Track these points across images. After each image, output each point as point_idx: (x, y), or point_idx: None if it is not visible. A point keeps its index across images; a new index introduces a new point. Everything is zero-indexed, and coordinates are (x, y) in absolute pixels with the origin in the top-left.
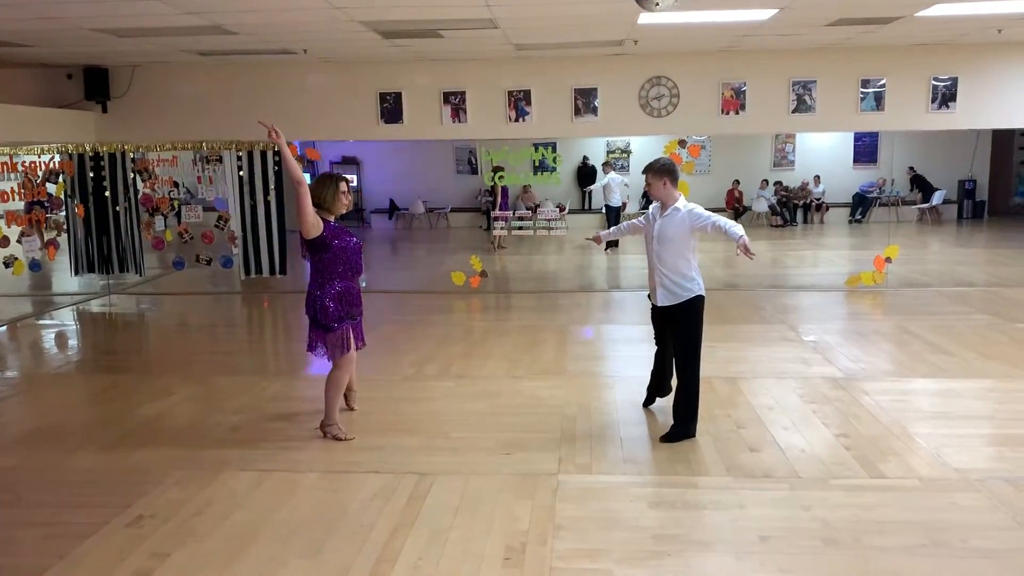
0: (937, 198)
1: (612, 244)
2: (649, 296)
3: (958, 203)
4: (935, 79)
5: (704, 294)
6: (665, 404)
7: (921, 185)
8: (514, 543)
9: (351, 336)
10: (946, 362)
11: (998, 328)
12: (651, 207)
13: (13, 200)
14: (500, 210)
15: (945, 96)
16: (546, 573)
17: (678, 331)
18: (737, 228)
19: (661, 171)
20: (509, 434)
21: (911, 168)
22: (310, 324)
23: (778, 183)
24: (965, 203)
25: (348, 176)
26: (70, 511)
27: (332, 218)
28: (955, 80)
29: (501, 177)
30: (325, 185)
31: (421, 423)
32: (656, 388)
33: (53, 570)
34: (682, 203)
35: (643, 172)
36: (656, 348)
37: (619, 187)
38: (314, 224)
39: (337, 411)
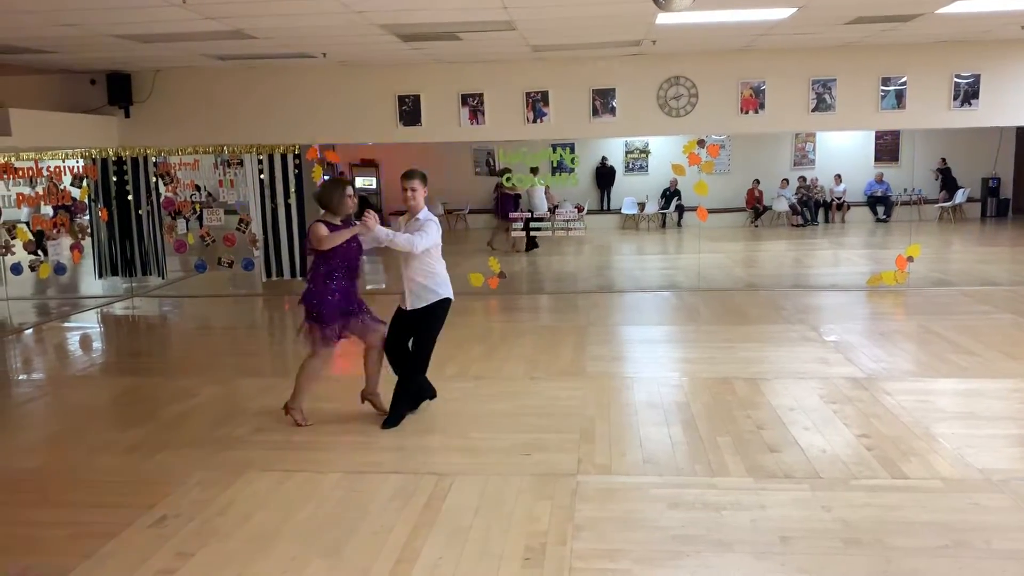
0: (960, 196)
1: (532, 245)
2: (398, 304)
3: (982, 201)
4: (957, 76)
5: (451, 298)
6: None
7: (947, 181)
8: (533, 543)
9: (338, 334)
10: (969, 362)
11: (1022, 327)
12: (402, 217)
13: (39, 205)
14: (511, 212)
15: (968, 93)
16: (565, 573)
17: (419, 331)
18: (397, 237)
19: (424, 179)
20: (528, 435)
21: (942, 160)
22: (305, 314)
23: (801, 178)
24: (989, 201)
25: (359, 179)
26: (95, 511)
27: (337, 220)
28: (978, 77)
29: (508, 179)
30: (332, 189)
31: (441, 424)
32: (420, 390)
33: (79, 569)
34: (424, 213)
35: (410, 179)
36: (389, 358)
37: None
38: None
39: (305, 397)
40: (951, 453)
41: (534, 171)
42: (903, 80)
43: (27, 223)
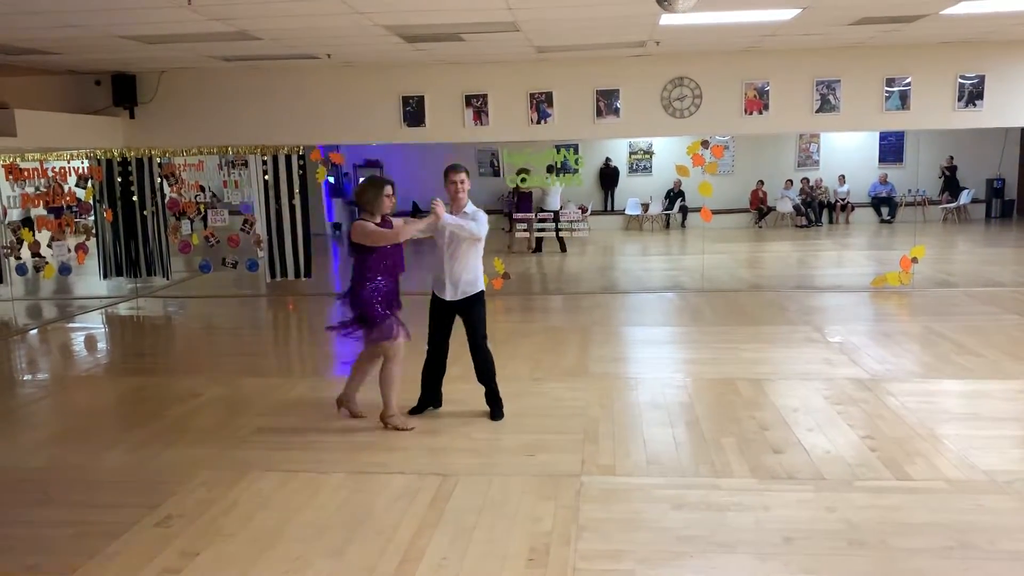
0: (965, 197)
1: (537, 249)
2: (435, 293)
3: (986, 202)
4: (961, 77)
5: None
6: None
7: (949, 182)
8: (537, 543)
9: (398, 325)
10: (974, 363)
11: None
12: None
13: (43, 205)
14: (516, 214)
15: (972, 94)
16: (569, 573)
17: (468, 322)
18: (467, 224)
19: (468, 172)
20: (532, 435)
21: (950, 158)
22: (353, 319)
23: (804, 179)
24: (993, 202)
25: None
26: (100, 511)
27: (376, 219)
28: (982, 78)
29: (524, 179)
30: (369, 188)
31: (445, 424)
32: (431, 396)
33: (84, 569)
34: (470, 207)
35: (458, 171)
36: (431, 348)
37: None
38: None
39: (395, 401)
40: (955, 454)
41: (550, 170)
42: (907, 81)
43: (21, 223)
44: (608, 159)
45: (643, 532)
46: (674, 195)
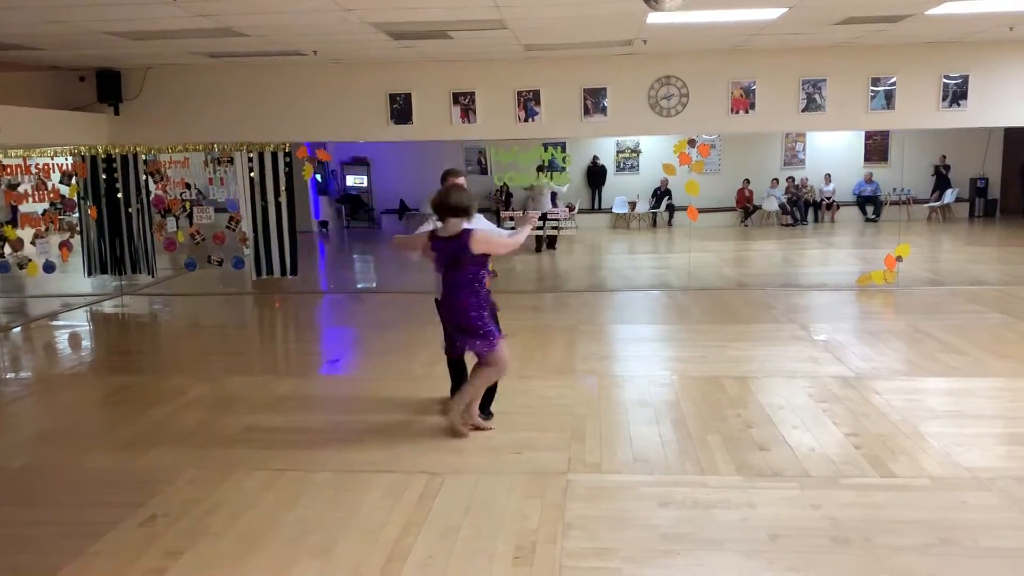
0: (949, 196)
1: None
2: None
3: (970, 201)
4: (946, 77)
5: None
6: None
7: (940, 180)
8: (524, 542)
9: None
10: (958, 361)
11: (1011, 327)
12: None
13: (27, 202)
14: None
15: (956, 94)
16: (556, 572)
17: None
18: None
19: None
20: (519, 433)
21: (942, 157)
22: (465, 333)
23: (790, 178)
24: (977, 201)
25: (350, 177)
26: (84, 510)
27: (464, 225)
28: (966, 78)
29: (549, 176)
30: (464, 193)
31: (431, 422)
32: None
33: (67, 569)
34: None
35: (456, 175)
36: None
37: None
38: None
39: (477, 403)
40: (939, 452)
41: (540, 169)
42: (892, 81)
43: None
44: (595, 157)
45: (630, 530)
46: (661, 193)
